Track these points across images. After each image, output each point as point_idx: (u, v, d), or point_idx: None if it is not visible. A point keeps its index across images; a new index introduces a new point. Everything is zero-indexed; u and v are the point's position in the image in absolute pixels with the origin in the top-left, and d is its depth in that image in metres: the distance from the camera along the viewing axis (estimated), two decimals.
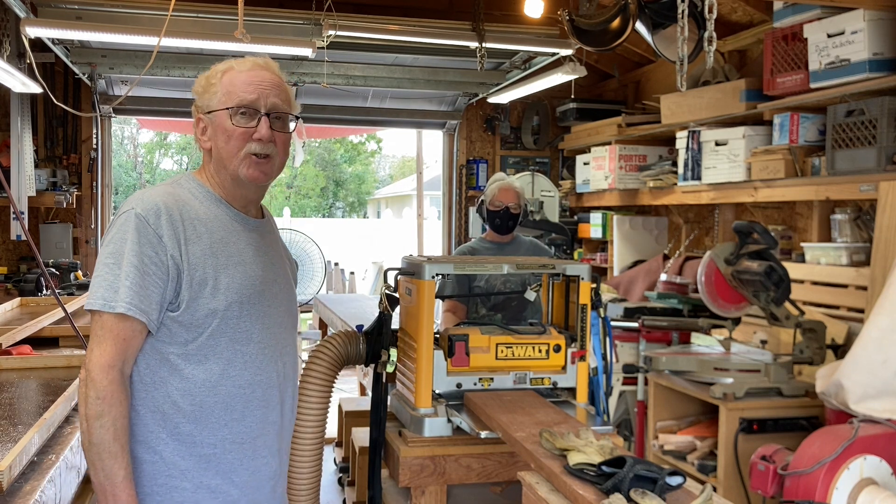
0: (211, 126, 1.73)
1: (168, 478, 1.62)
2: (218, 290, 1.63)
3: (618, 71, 6.21)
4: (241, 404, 1.67)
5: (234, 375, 1.66)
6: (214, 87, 1.72)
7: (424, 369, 2.22)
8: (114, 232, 1.61)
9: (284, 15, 4.56)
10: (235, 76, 1.72)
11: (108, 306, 1.54)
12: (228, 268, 1.66)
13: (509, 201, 3.45)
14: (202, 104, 1.74)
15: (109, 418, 1.52)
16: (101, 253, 1.61)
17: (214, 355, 1.64)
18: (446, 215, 6.92)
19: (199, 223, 1.65)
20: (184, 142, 27.14)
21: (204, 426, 1.63)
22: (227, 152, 1.70)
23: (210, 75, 1.75)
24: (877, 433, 2.46)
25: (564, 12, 3.37)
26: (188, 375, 1.62)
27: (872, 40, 3.31)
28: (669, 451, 3.44)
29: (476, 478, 2.23)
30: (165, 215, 1.61)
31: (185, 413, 1.62)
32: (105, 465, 1.52)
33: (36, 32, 4.06)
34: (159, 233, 1.59)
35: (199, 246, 1.63)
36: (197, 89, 1.77)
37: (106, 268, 1.57)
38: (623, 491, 1.46)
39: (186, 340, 1.62)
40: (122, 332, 1.56)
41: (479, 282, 3.34)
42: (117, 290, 1.55)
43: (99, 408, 1.51)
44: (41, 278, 4.15)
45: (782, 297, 3.19)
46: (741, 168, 4.11)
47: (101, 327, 1.56)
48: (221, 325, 1.64)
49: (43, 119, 5.80)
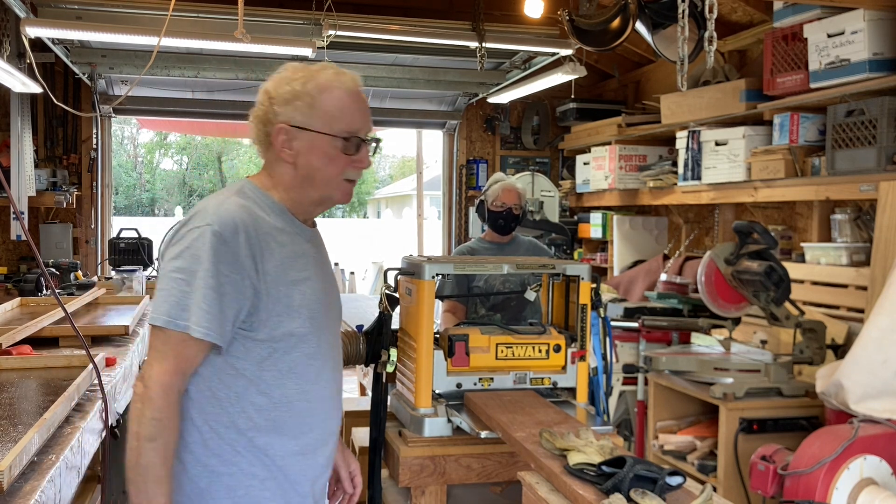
0: (302, 142, 1.64)
1: (248, 488, 1.62)
2: (292, 307, 1.62)
3: (618, 71, 6.21)
4: (309, 417, 1.67)
5: (307, 389, 1.66)
6: (312, 104, 1.64)
7: (424, 369, 2.22)
8: (185, 245, 1.55)
9: (284, 15, 4.56)
10: (341, 98, 1.66)
11: (174, 324, 1.50)
12: (299, 283, 1.64)
13: (512, 202, 3.44)
14: (289, 115, 1.64)
15: (162, 442, 1.50)
16: (168, 265, 1.55)
17: (289, 370, 1.63)
18: (446, 215, 6.92)
19: (270, 238, 1.61)
20: (184, 142, 27.16)
21: (277, 438, 1.63)
22: (325, 175, 1.66)
23: (300, 88, 1.65)
24: (877, 433, 2.46)
25: (564, 12, 3.37)
26: (265, 391, 1.61)
27: (872, 40, 3.31)
28: (669, 451, 3.44)
29: (476, 478, 2.23)
30: (243, 233, 1.56)
31: (260, 427, 1.61)
32: (149, 489, 1.49)
33: (36, 32, 4.07)
34: (237, 251, 1.55)
35: (273, 263, 1.60)
36: (278, 95, 1.66)
37: (174, 282, 1.53)
38: (623, 491, 1.46)
39: (262, 357, 1.61)
40: (186, 351, 1.53)
41: (478, 282, 3.34)
42: (187, 309, 1.51)
43: (154, 429, 1.49)
44: (41, 278, 4.15)
45: (782, 297, 3.19)
46: (741, 168, 4.11)
47: (163, 343, 1.52)
48: (295, 341, 1.64)
49: (43, 119, 5.80)
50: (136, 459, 1.49)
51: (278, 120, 1.65)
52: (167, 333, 1.51)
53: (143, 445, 1.48)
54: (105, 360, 2.43)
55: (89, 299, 3.64)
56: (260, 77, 5.58)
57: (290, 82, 1.67)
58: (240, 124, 7.66)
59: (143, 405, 1.49)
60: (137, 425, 1.49)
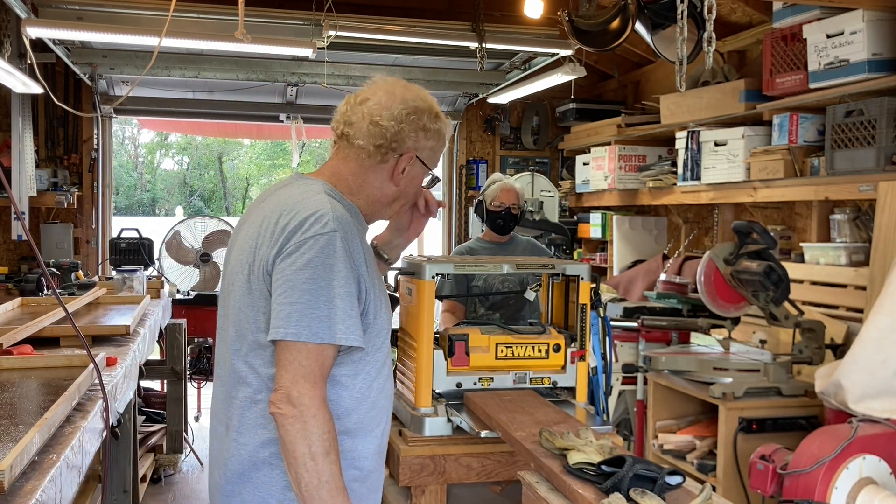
0: (414, 172, 1.74)
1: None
2: (381, 308, 1.66)
3: (617, 71, 6.21)
4: (385, 417, 1.71)
5: (385, 387, 1.69)
6: (435, 148, 1.74)
7: (424, 369, 2.23)
8: (313, 253, 1.52)
9: (285, 15, 4.56)
10: (442, 141, 1.76)
11: (318, 337, 1.49)
12: (376, 283, 1.67)
13: (510, 202, 3.45)
14: (420, 148, 1.71)
15: (335, 453, 1.49)
16: (295, 276, 1.51)
17: (375, 371, 1.66)
18: (446, 215, 6.93)
19: (360, 241, 1.65)
20: (184, 142, 27.14)
21: (360, 441, 1.64)
22: (407, 200, 1.79)
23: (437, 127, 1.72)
24: (876, 433, 2.46)
25: (564, 13, 3.38)
26: (356, 394, 1.63)
27: (871, 41, 3.31)
28: (669, 450, 3.45)
29: (476, 477, 2.23)
30: (356, 237, 1.61)
31: (348, 430, 1.61)
32: (337, 501, 1.48)
33: (37, 33, 4.07)
34: (355, 256, 1.58)
35: (367, 266, 1.63)
36: (418, 124, 1.69)
37: (308, 294, 1.49)
38: (622, 490, 1.47)
39: (355, 360, 1.61)
40: (328, 361, 1.53)
41: (478, 282, 3.34)
42: (328, 319, 1.50)
43: (327, 444, 1.48)
44: (42, 278, 4.16)
45: (781, 297, 3.19)
46: (740, 168, 4.11)
47: (306, 357, 1.49)
48: (381, 343, 1.66)
49: (44, 119, 5.80)
50: (319, 478, 1.46)
51: (409, 147, 1.69)
52: (309, 347, 1.49)
53: (322, 461, 1.47)
54: (106, 359, 2.44)
55: (90, 299, 3.64)
56: (261, 77, 5.59)
57: (430, 117, 1.71)
58: (240, 124, 7.67)
59: (305, 424, 1.46)
60: (307, 446, 1.46)
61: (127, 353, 2.70)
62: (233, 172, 28.30)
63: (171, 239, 5.75)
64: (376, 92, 1.69)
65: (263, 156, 26.53)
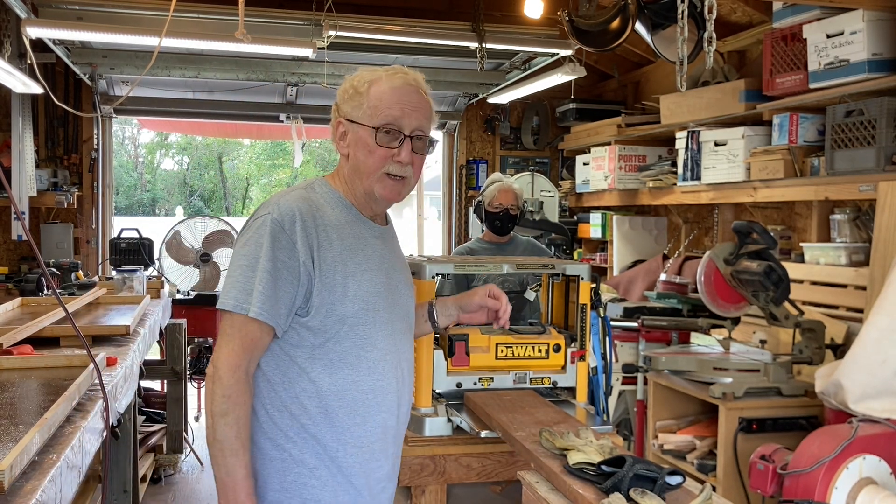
0: (352, 134, 1.73)
1: (297, 475, 1.67)
2: (346, 296, 1.67)
3: (617, 71, 6.21)
4: (363, 409, 1.70)
5: (359, 381, 1.69)
6: (361, 96, 1.72)
7: (424, 369, 2.23)
8: (249, 235, 1.65)
9: (285, 15, 4.56)
10: (384, 91, 1.71)
11: (241, 308, 1.60)
12: (356, 275, 1.69)
13: (508, 203, 3.45)
14: (345, 110, 1.74)
15: (233, 416, 1.58)
16: (236, 254, 1.66)
17: (340, 360, 1.68)
18: (446, 215, 6.93)
19: (331, 229, 1.68)
20: (184, 142, 27.14)
21: (329, 428, 1.68)
22: (366, 167, 1.71)
23: (357, 83, 1.74)
24: (876, 433, 2.46)
25: (564, 13, 3.38)
26: (315, 379, 1.67)
27: (871, 41, 3.31)
28: (669, 450, 3.45)
29: (476, 477, 2.23)
30: (300, 221, 1.64)
31: (311, 415, 1.67)
32: (227, 461, 1.58)
33: (37, 33, 4.07)
34: (293, 239, 1.63)
35: (331, 252, 1.66)
36: (341, 93, 1.76)
37: (240, 270, 1.63)
38: (623, 490, 1.47)
39: (314, 345, 1.66)
40: (251, 334, 1.61)
41: (478, 282, 3.34)
42: (250, 294, 1.60)
43: (224, 406, 1.58)
44: (42, 278, 4.16)
45: (781, 297, 3.19)
46: (740, 168, 4.11)
47: (230, 326, 1.61)
48: (348, 332, 1.68)
49: (44, 119, 5.80)
50: (213, 436, 1.59)
51: (339, 115, 1.76)
52: (233, 317, 1.61)
53: (217, 421, 1.58)
54: (106, 359, 2.44)
55: (90, 299, 3.64)
56: (261, 77, 5.59)
57: (353, 80, 1.75)
58: (240, 124, 7.67)
59: (213, 384, 1.59)
60: (210, 403, 1.60)
61: (127, 353, 2.70)
62: (233, 172, 28.31)
63: (171, 239, 5.75)
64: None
65: (263, 156, 26.54)
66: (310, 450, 1.67)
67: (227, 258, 5.68)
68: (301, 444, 1.67)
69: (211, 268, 5.80)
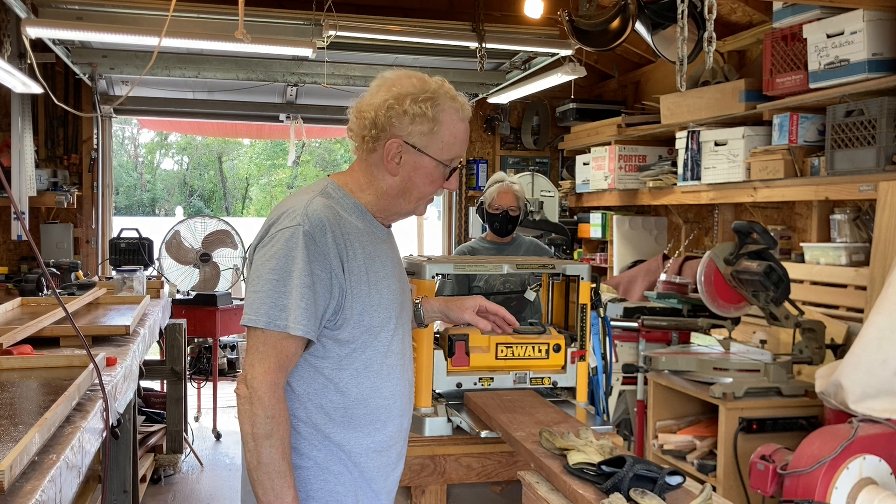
0: (412, 160, 1.68)
1: (323, 482, 1.66)
2: (372, 306, 1.66)
3: (617, 71, 6.21)
4: (385, 414, 1.71)
5: (381, 387, 1.69)
6: (433, 131, 1.66)
7: (424, 369, 2.23)
8: (278, 247, 1.58)
9: (285, 15, 4.56)
10: (457, 127, 1.69)
11: (275, 325, 1.54)
12: (378, 283, 1.68)
13: (508, 204, 3.45)
14: (407, 133, 1.66)
15: (278, 437, 1.54)
16: (262, 266, 1.58)
17: (365, 369, 1.67)
18: (446, 215, 6.93)
19: (353, 238, 1.65)
20: (184, 142, 27.14)
21: (353, 435, 1.67)
22: (420, 193, 1.72)
23: (426, 111, 1.64)
24: (876, 433, 2.46)
25: (564, 13, 3.38)
26: (342, 389, 1.65)
27: (872, 41, 3.31)
28: (669, 450, 3.45)
29: (476, 477, 2.23)
30: (330, 232, 1.60)
31: (337, 423, 1.66)
32: (275, 484, 1.54)
33: (37, 33, 4.07)
34: (326, 251, 1.59)
35: (356, 262, 1.64)
36: (401, 110, 1.64)
37: (269, 284, 1.56)
38: (623, 490, 1.47)
39: (340, 356, 1.65)
40: (287, 350, 1.57)
41: (479, 282, 3.34)
42: (285, 309, 1.54)
43: (269, 427, 1.53)
44: (42, 278, 4.16)
45: (781, 297, 3.19)
46: (740, 168, 4.11)
47: (263, 344, 1.56)
48: (372, 340, 1.67)
49: (44, 119, 5.80)
50: (258, 459, 1.54)
51: (395, 133, 1.66)
52: (266, 334, 1.55)
53: (261, 444, 1.53)
54: (106, 359, 2.44)
55: (90, 299, 3.64)
56: (261, 77, 5.59)
57: (415, 101, 1.65)
58: (240, 124, 7.67)
59: (252, 406, 1.53)
60: (251, 426, 1.54)
61: (127, 353, 2.70)
62: (233, 172, 28.31)
63: (171, 239, 5.74)
64: (373, 85, 1.72)
65: (263, 156, 26.53)
66: (334, 457, 1.66)
67: (226, 258, 5.69)
68: (326, 452, 1.66)
69: (211, 268, 5.80)
